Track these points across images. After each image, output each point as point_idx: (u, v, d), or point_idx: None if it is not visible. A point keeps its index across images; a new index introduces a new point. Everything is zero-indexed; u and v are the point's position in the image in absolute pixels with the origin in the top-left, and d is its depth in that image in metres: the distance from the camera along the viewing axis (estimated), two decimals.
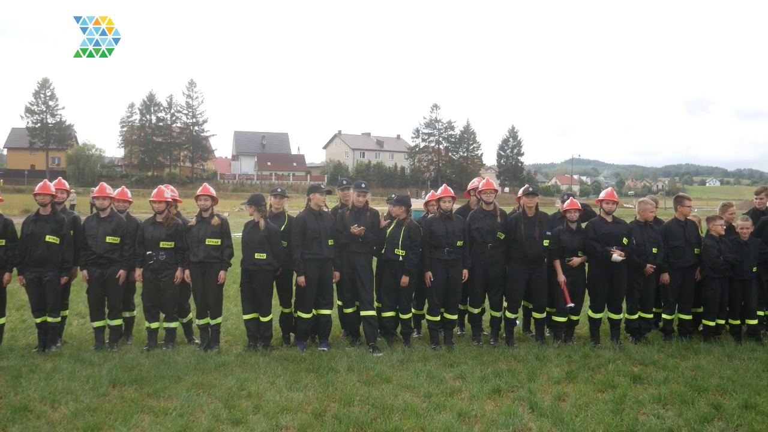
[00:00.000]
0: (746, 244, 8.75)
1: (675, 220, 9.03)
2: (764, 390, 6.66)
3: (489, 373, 7.24)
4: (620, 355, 8.06)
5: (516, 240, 8.57)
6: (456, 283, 8.58)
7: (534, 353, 8.10)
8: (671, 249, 8.81)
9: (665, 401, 6.39)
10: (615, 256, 8.35)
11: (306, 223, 8.30)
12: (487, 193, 8.81)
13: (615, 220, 8.78)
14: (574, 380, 7.06)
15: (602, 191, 9.22)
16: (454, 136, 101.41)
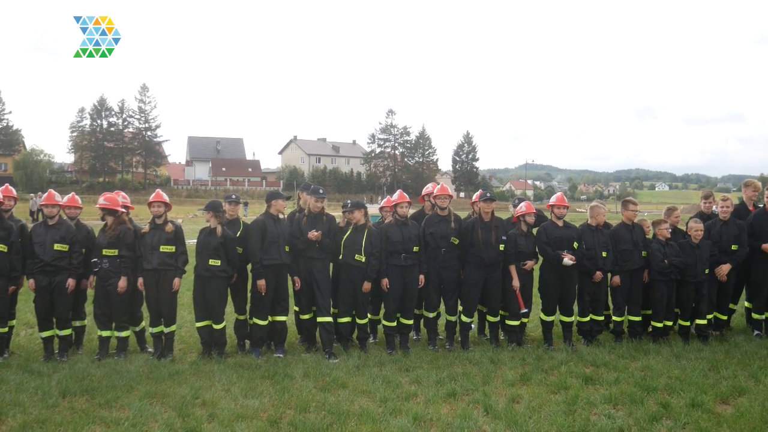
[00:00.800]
0: (698, 247, 8.97)
1: (622, 224, 9.22)
2: (710, 389, 6.85)
3: (444, 377, 7.30)
4: (572, 356, 8.20)
5: (472, 245, 8.66)
6: (412, 289, 8.62)
7: (488, 356, 8.19)
8: (619, 252, 8.99)
9: (616, 401, 6.52)
10: (566, 260, 8.50)
11: (266, 228, 8.27)
12: (442, 199, 8.88)
13: (566, 225, 8.94)
14: (528, 382, 7.17)
15: (553, 196, 9.37)
16: (409, 142, 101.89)
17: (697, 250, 8.93)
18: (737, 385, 6.93)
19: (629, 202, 9.45)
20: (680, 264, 8.83)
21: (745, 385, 6.95)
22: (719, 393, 6.74)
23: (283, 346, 8.51)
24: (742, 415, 6.07)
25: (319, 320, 8.48)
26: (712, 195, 9.94)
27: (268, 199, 8.58)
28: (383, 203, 9.50)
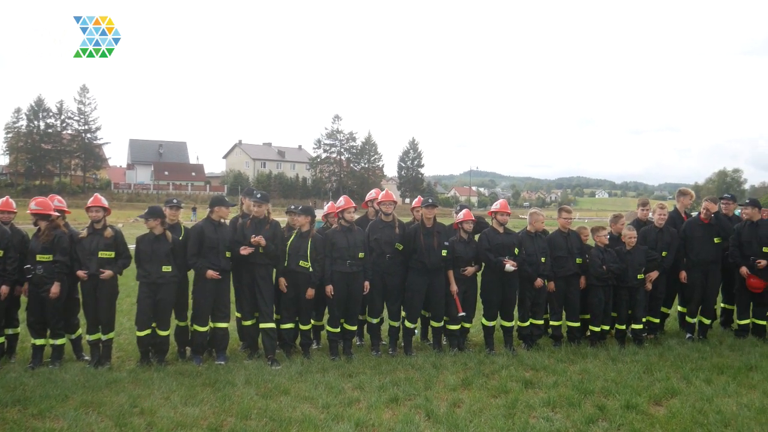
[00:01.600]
0: (630, 253, 9.24)
1: (558, 231, 9.43)
2: (644, 391, 7.06)
3: (387, 382, 7.32)
4: (513, 361, 8.33)
5: (415, 250, 8.72)
6: (357, 295, 8.62)
7: (431, 361, 8.25)
8: (554, 259, 9.18)
9: (554, 404, 6.65)
10: (507, 266, 8.64)
11: (204, 233, 8.15)
12: (386, 204, 8.92)
13: (506, 231, 9.09)
14: (469, 387, 7.25)
15: (495, 203, 9.52)
16: (355, 147, 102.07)
17: (629, 256, 9.19)
18: (670, 387, 7.16)
19: (563, 210, 9.67)
20: (617, 270, 9.08)
21: (677, 387, 7.18)
22: (653, 395, 6.95)
23: (224, 352, 8.41)
24: (674, 416, 6.27)
25: (261, 326, 8.40)
26: (648, 202, 10.25)
27: (211, 204, 8.47)
28: (327, 210, 9.46)
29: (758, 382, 7.39)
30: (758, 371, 7.82)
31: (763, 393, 7.00)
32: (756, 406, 6.51)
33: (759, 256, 9.39)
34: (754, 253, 9.43)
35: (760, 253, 9.42)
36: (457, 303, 8.80)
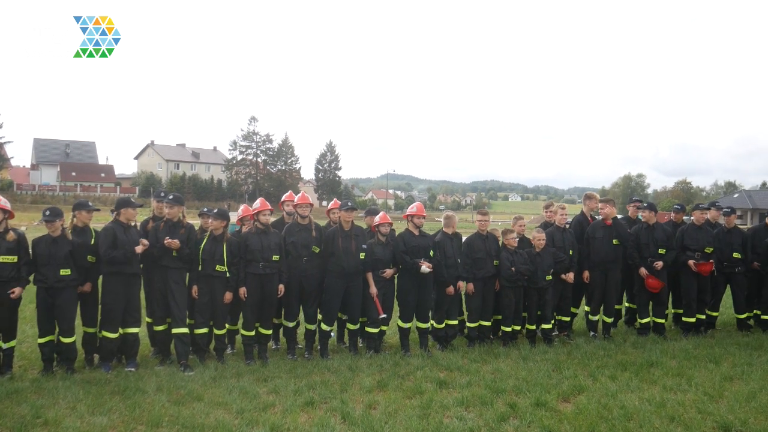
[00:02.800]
0: (539, 255, 9.52)
1: (477, 234, 9.62)
2: (553, 388, 7.28)
3: (302, 386, 7.28)
4: (428, 362, 8.44)
5: (333, 253, 8.72)
6: (271, 298, 8.54)
7: (347, 364, 8.27)
8: (473, 261, 9.36)
9: (467, 404, 6.78)
10: (423, 268, 8.75)
11: (115, 235, 7.89)
12: (303, 207, 8.89)
13: (422, 234, 9.21)
14: (385, 388, 7.30)
15: (411, 206, 9.64)
16: (272, 149, 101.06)
17: (539, 258, 9.48)
18: (577, 384, 7.41)
19: (480, 213, 9.92)
20: (526, 271, 9.34)
21: (584, 384, 7.44)
22: (561, 392, 7.18)
23: (135, 359, 8.16)
24: (581, 412, 6.49)
25: (174, 331, 8.21)
26: (552, 205, 10.61)
27: (117, 206, 8.19)
28: (242, 212, 9.32)
29: (658, 378, 7.75)
30: (658, 367, 8.21)
31: (663, 388, 7.35)
32: (656, 401, 6.83)
33: (656, 258, 9.91)
34: (651, 254, 9.93)
35: (657, 255, 9.93)
36: (377, 305, 8.85)
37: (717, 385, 7.44)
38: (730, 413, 6.41)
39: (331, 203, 9.78)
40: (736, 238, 10.53)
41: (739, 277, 10.48)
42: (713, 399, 6.93)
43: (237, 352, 9.08)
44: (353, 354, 8.84)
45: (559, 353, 8.94)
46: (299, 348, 9.14)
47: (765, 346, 9.36)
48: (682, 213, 11.20)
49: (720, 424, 6.15)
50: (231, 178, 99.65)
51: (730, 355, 8.85)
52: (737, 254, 10.39)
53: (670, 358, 8.70)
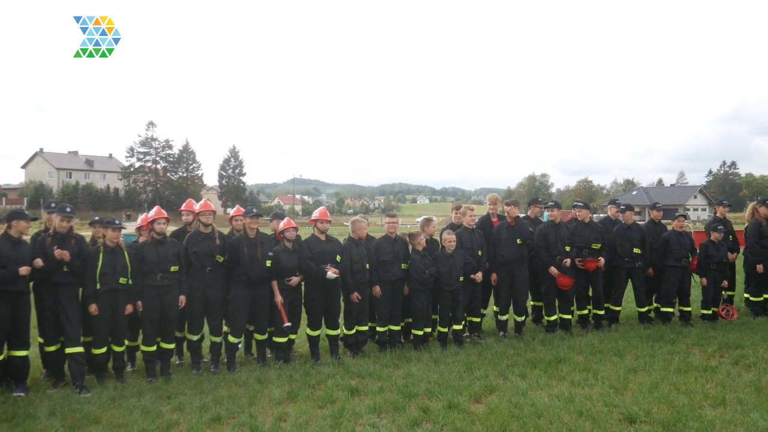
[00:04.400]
0: (452, 257, 9.66)
1: (385, 236, 9.67)
2: (465, 390, 7.39)
3: (209, 402, 7.10)
4: (339, 369, 8.41)
5: (238, 262, 8.56)
6: (172, 311, 8.29)
7: (255, 376, 8.12)
8: (380, 263, 9.39)
9: (380, 410, 6.79)
10: (329, 274, 8.72)
11: (0, 251, 7.44)
12: (206, 215, 8.69)
13: (328, 239, 9.17)
14: (295, 399, 7.21)
15: (315, 210, 9.59)
16: (172, 156, 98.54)
17: (451, 260, 9.62)
18: (488, 384, 7.55)
19: (387, 215, 9.98)
20: (436, 273, 9.46)
21: (495, 384, 7.59)
22: (473, 393, 7.29)
23: (24, 383, 7.72)
24: (493, 412, 6.62)
25: (67, 351, 7.81)
26: (461, 206, 10.79)
27: (8, 218, 7.71)
28: (140, 222, 9.03)
29: (566, 373, 8.00)
30: (566, 363, 8.48)
31: (571, 383, 7.59)
32: (565, 396, 7.04)
33: (564, 255, 10.25)
34: (559, 252, 10.26)
35: (565, 253, 10.28)
36: (283, 314, 8.73)
37: (622, 377, 7.75)
38: (634, 404, 6.69)
39: (234, 210, 9.60)
40: (636, 234, 11.02)
41: (640, 272, 10.97)
42: (618, 391, 7.22)
43: (138, 369, 8.77)
44: (262, 365, 8.70)
45: (470, 354, 9.08)
46: (204, 362, 8.91)
47: (665, 337, 9.84)
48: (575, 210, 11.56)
49: (625, 415, 6.41)
50: (129, 186, 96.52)
51: (633, 347, 9.24)
52: (637, 249, 10.88)
53: (577, 353, 9.00)
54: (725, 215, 12.28)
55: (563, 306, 10.51)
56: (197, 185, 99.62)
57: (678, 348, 9.20)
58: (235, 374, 8.30)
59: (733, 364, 8.33)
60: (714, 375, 7.81)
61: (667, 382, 7.50)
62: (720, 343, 9.35)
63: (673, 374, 7.84)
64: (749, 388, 7.21)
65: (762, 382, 7.41)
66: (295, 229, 9.06)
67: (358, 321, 9.32)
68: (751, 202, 12.39)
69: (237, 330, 8.72)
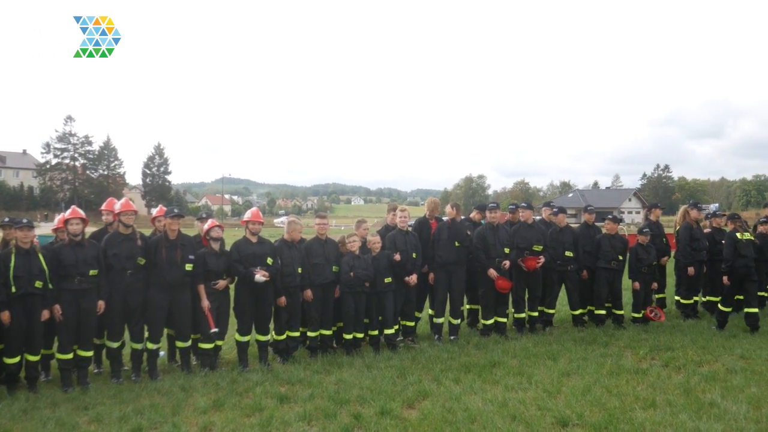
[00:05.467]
0: (377, 258, 9.71)
1: (315, 239, 9.66)
2: (398, 395, 7.45)
3: (129, 412, 6.95)
4: (268, 376, 8.35)
5: (156, 265, 8.41)
6: (90, 316, 8.08)
7: (179, 384, 8.00)
8: (311, 266, 9.38)
9: (310, 417, 6.77)
10: (258, 277, 8.65)
11: None
12: (127, 215, 8.50)
13: (260, 240, 9.10)
14: (221, 408, 7.13)
15: (248, 211, 9.50)
16: (92, 153, 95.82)
17: (376, 262, 9.67)
18: (422, 390, 7.64)
19: (318, 216, 9.95)
20: (363, 276, 9.48)
21: (428, 389, 7.67)
22: (406, 398, 7.35)
23: None
24: (426, 417, 6.69)
25: None
26: (397, 208, 10.86)
27: None
28: (57, 223, 8.77)
29: (501, 377, 8.15)
30: (501, 367, 8.64)
31: (505, 387, 7.73)
32: (499, 401, 7.17)
33: (503, 257, 10.42)
34: (498, 255, 10.43)
35: (504, 255, 10.45)
36: (209, 319, 8.62)
37: (555, 381, 7.94)
38: (567, 408, 6.87)
39: (156, 210, 9.42)
40: (568, 236, 11.32)
41: (572, 275, 11.26)
42: (552, 395, 7.40)
43: (53, 378, 8.51)
44: (186, 373, 8.55)
45: (403, 359, 9.15)
46: (125, 370, 8.71)
47: (599, 340, 10.13)
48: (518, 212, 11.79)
49: (558, 419, 6.57)
50: (44, 184, 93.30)
51: (567, 350, 9.49)
52: (569, 252, 11.16)
53: (512, 357, 9.17)
54: (658, 218, 12.73)
55: (500, 309, 10.69)
56: (119, 184, 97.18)
57: (610, 351, 9.49)
58: (158, 383, 8.15)
59: (663, 366, 8.64)
60: (645, 377, 8.09)
61: (599, 385, 7.72)
62: (651, 345, 9.68)
63: (605, 377, 8.08)
64: (678, 390, 7.49)
65: (691, 384, 7.71)
66: (221, 228, 8.95)
67: (288, 326, 9.28)
68: (682, 206, 12.88)
69: (155, 336, 8.55)
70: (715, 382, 7.77)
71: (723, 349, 9.40)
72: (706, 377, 7.99)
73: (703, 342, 9.86)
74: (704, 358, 8.93)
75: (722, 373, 8.19)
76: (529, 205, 11.50)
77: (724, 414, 6.64)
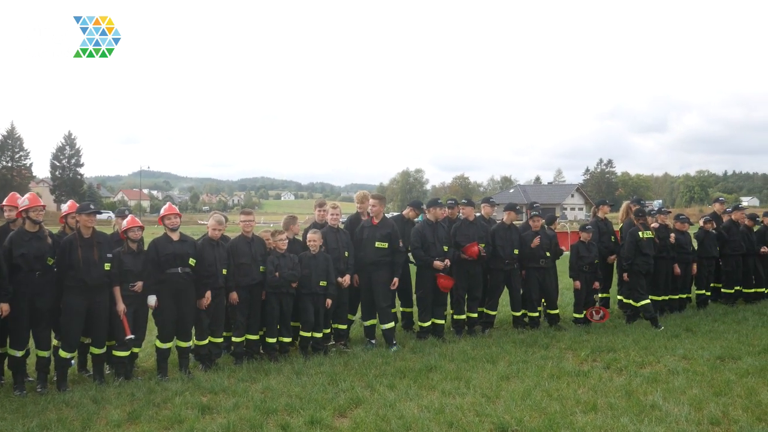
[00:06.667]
0: (315, 258, 9.69)
1: (241, 237, 9.55)
2: (329, 403, 7.42)
3: (33, 427, 6.74)
4: (189, 385, 8.23)
5: (72, 266, 8.18)
6: None
7: (91, 396, 7.80)
8: (237, 266, 9.28)
9: (234, 429, 6.69)
10: (150, 299, 8.57)
11: None
12: (36, 211, 8.25)
13: (182, 239, 8.95)
14: (137, 420, 6.99)
15: (164, 207, 9.34)
16: None
17: (314, 261, 9.64)
18: (354, 397, 7.63)
19: (243, 213, 9.85)
20: (291, 277, 9.44)
21: (361, 396, 7.68)
22: (337, 406, 7.34)
23: None
24: (358, 426, 6.70)
25: None
26: (325, 204, 10.84)
27: None
28: None
29: (437, 383, 8.22)
30: (437, 371, 8.71)
31: (442, 393, 7.80)
32: (435, 407, 7.22)
33: (443, 256, 10.50)
34: (438, 253, 10.50)
35: (443, 253, 10.53)
36: (125, 324, 8.45)
37: (494, 385, 8.06)
38: (506, 413, 6.97)
39: (68, 206, 9.16)
40: (515, 234, 11.48)
41: (516, 274, 11.44)
42: (490, 400, 7.50)
43: None
44: (99, 383, 8.34)
45: (335, 364, 9.15)
46: (29, 381, 8.46)
47: (539, 342, 10.34)
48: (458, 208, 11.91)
49: (497, 425, 6.66)
50: None
51: (506, 353, 9.64)
52: (516, 250, 11.32)
53: (449, 361, 9.26)
54: (606, 215, 13.04)
55: (437, 310, 10.78)
56: (25, 177, 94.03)
57: (551, 353, 9.69)
58: (67, 394, 7.93)
59: (605, 368, 8.86)
60: (586, 380, 8.28)
61: (539, 389, 7.86)
62: (593, 346, 9.92)
63: (546, 380, 8.23)
64: (620, 393, 7.69)
65: (632, 386, 7.93)
66: (141, 229, 8.78)
67: (211, 330, 9.16)
68: (625, 201, 13.24)
69: (70, 344, 8.33)
70: (657, 384, 8.01)
71: (665, 350, 9.71)
72: (647, 379, 8.23)
73: (645, 343, 10.16)
74: (646, 359, 9.21)
75: (664, 375, 8.45)
76: (470, 201, 11.63)
77: (665, 416, 6.85)
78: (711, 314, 12.60)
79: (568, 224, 39.17)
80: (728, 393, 7.60)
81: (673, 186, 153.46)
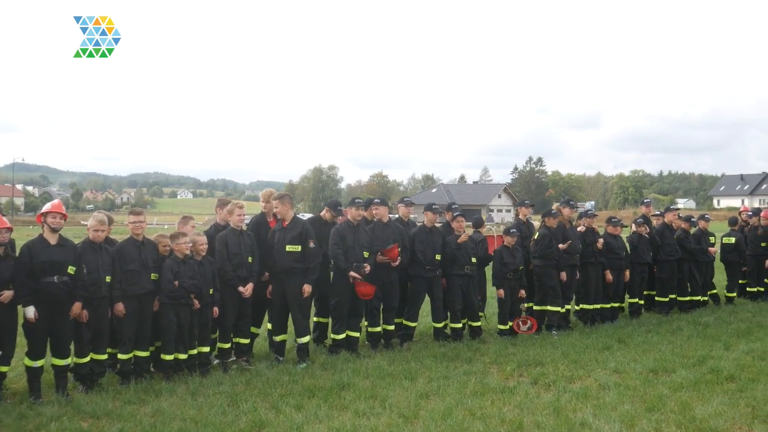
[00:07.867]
0: (201, 264, 9.50)
1: (130, 240, 9.25)
2: (228, 427, 7.31)
3: None
4: (67, 409, 7.98)
5: None
6: None
7: None
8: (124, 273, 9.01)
9: None
10: (28, 312, 8.30)
11: None
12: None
13: (61, 242, 8.66)
14: None
15: (48, 204, 9.06)
16: None
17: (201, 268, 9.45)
18: (257, 419, 7.54)
19: (132, 213, 9.59)
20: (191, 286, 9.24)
21: (265, 418, 7.59)
22: (238, 431, 7.25)
23: None
24: None
25: None
26: (229, 203, 10.66)
27: None
28: None
29: (350, 402, 8.18)
30: (350, 389, 8.66)
31: (355, 413, 7.76)
32: (347, 429, 7.19)
33: (362, 261, 10.44)
34: (357, 258, 10.44)
35: (363, 258, 10.48)
36: None
37: (413, 404, 8.07)
38: None
39: None
40: (438, 238, 11.49)
41: (438, 282, 11.48)
42: (408, 420, 7.51)
43: None
44: None
45: (236, 383, 9.02)
46: None
47: (462, 355, 10.41)
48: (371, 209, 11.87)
49: None
50: None
51: (426, 369, 9.68)
52: (439, 256, 11.37)
53: (363, 378, 9.24)
54: (528, 217, 13.27)
55: (353, 321, 10.73)
56: None
57: (475, 368, 9.78)
58: None
59: (532, 384, 8.99)
60: (512, 397, 8.38)
61: (462, 407, 7.92)
62: (519, 360, 10.06)
63: (468, 398, 8.29)
64: (548, 410, 7.80)
65: (561, 403, 8.06)
66: (9, 230, 8.47)
67: (93, 346, 8.90)
68: (555, 203, 13.52)
69: None
70: (587, 400, 8.16)
71: (596, 363, 9.91)
72: (577, 395, 8.37)
73: (575, 356, 10.33)
74: (576, 374, 9.39)
75: (594, 390, 8.63)
76: (384, 200, 11.63)
77: None
78: (644, 324, 12.91)
79: (494, 227, 39.73)
80: (661, 408, 7.80)
81: (607, 186, 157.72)
